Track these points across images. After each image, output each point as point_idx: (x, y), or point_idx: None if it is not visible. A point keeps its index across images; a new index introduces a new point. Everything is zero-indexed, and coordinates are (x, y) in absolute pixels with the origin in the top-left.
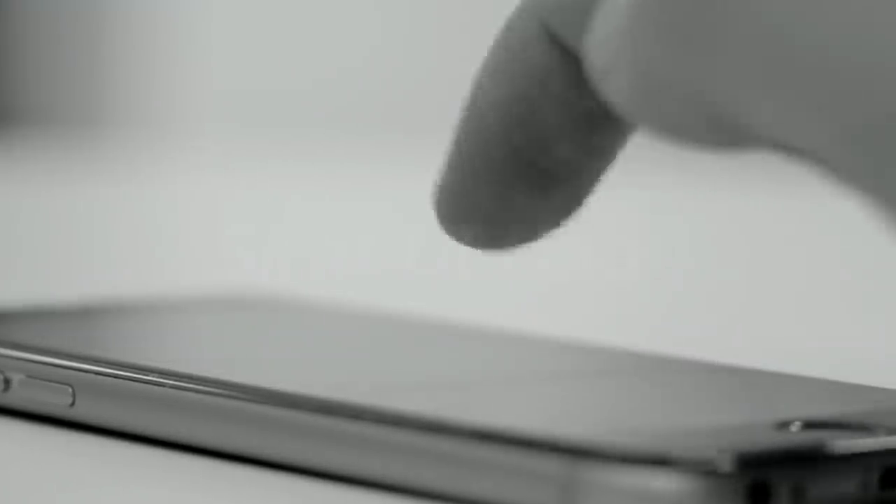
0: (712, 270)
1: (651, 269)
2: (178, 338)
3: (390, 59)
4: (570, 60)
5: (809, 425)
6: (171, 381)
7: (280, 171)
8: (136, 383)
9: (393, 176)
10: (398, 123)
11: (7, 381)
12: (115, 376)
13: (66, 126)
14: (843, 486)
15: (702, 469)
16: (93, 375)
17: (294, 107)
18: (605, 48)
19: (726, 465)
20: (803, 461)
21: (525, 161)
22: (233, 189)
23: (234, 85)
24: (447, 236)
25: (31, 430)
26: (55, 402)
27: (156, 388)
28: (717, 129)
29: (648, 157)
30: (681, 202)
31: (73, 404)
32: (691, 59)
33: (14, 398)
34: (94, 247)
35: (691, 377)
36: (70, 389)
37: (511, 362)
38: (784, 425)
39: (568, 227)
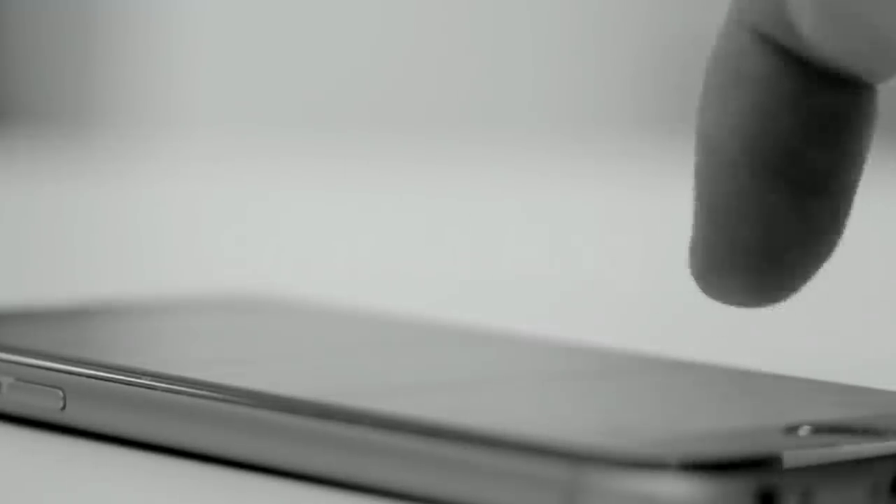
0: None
1: (656, 269)
2: (171, 340)
3: (389, 58)
4: (793, 60)
5: (818, 429)
6: (164, 385)
7: (278, 170)
8: (128, 387)
9: (392, 175)
10: (397, 123)
11: None
12: (107, 379)
13: (57, 125)
14: (852, 491)
15: (708, 474)
16: (84, 379)
17: (290, 106)
18: None
19: (733, 470)
20: (812, 466)
21: (779, 177)
22: (229, 188)
23: (228, 83)
24: (713, 299)
25: (21, 434)
26: (45, 406)
27: (149, 391)
28: (880, 52)
29: (651, 157)
30: (689, 202)
31: (63, 408)
32: None
33: (3, 402)
34: (86, 247)
35: (697, 380)
36: (61, 393)
37: (512, 364)
38: (792, 429)
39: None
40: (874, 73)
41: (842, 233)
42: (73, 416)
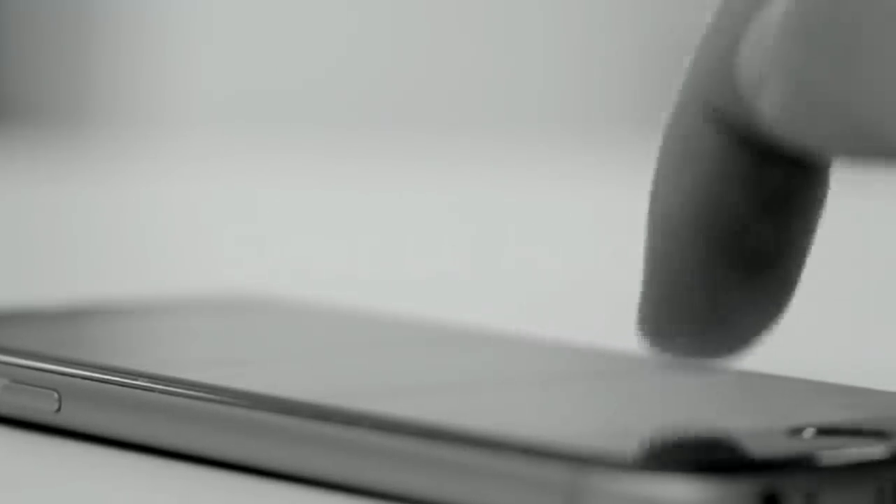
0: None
1: None
2: (167, 341)
3: (389, 58)
4: (744, 139)
5: (823, 432)
6: (160, 387)
7: (276, 170)
8: (124, 388)
9: (391, 175)
10: (396, 122)
11: None
12: (103, 381)
13: (53, 124)
14: (857, 494)
15: (711, 477)
16: (79, 380)
17: (288, 105)
18: (757, 60)
19: (737, 472)
20: (817, 469)
21: (729, 249)
22: (227, 188)
23: (226, 83)
24: (653, 351)
25: (16, 436)
26: (40, 407)
27: (145, 393)
28: (862, 141)
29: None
30: None
31: (59, 410)
32: (836, 70)
33: None
34: (82, 247)
35: (700, 382)
36: (56, 395)
37: (513, 366)
38: (796, 432)
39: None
40: (841, 159)
41: (789, 301)
42: (69, 418)
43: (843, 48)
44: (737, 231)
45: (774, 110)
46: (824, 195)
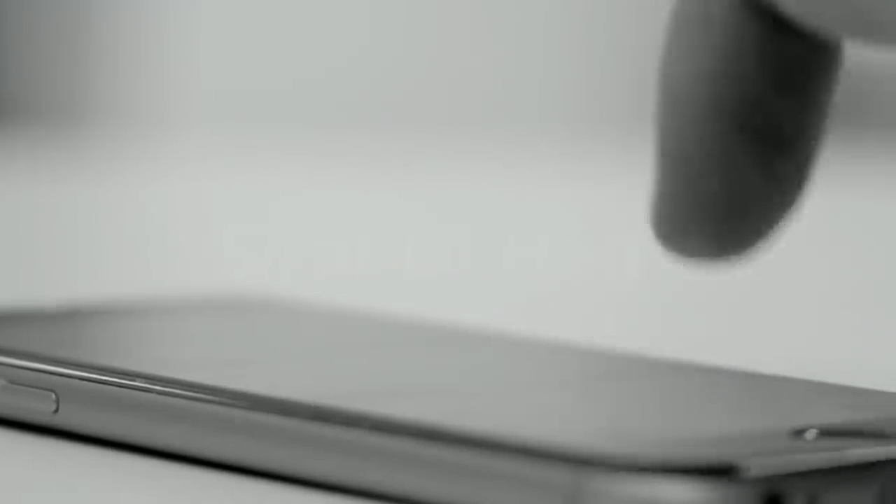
0: (724, 272)
1: (661, 271)
2: (166, 342)
3: (388, 58)
4: (759, 8)
5: (825, 433)
6: (159, 388)
7: (274, 169)
8: (122, 389)
9: (391, 175)
10: (396, 122)
11: None
12: (101, 382)
13: (52, 124)
14: (860, 495)
15: (714, 478)
16: (77, 381)
17: (288, 105)
18: None
19: (739, 474)
20: (819, 470)
21: (744, 128)
22: (225, 187)
23: (225, 82)
24: (671, 255)
25: (13, 438)
26: (38, 408)
27: (143, 394)
28: (862, 25)
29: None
30: None
31: (56, 411)
32: None
33: None
34: (81, 247)
35: (702, 383)
36: (53, 396)
37: (514, 367)
38: (799, 433)
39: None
40: (847, 39)
41: (805, 190)
42: (66, 419)
43: None
44: (752, 106)
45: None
46: (838, 75)
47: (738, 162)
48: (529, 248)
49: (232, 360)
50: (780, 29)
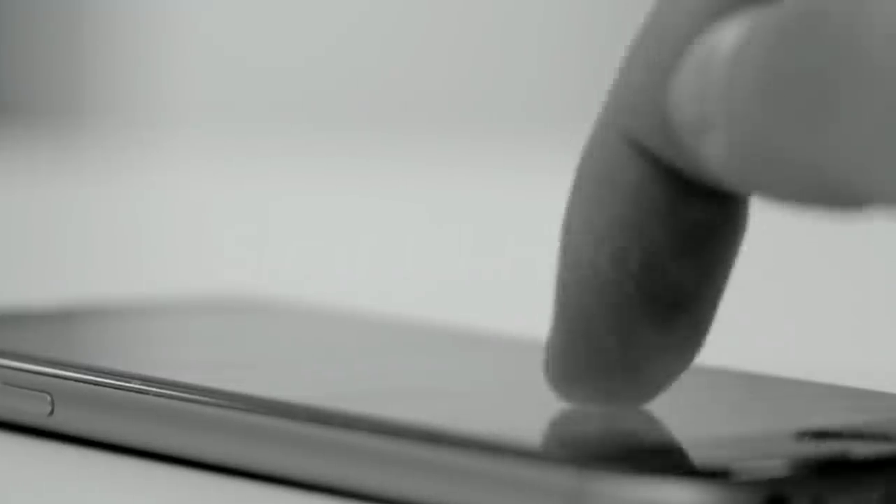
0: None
1: None
2: (162, 343)
3: (387, 58)
4: (665, 170)
5: (829, 435)
6: (154, 389)
7: (271, 171)
8: (117, 391)
9: (390, 176)
10: (395, 122)
11: None
12: (96, 384)
13: (51, 124)
14: (864, 497)
15: (717, 480)
16: (72, 383)
17: (287, 105)
18: (698, 98)
19: (743, 476)
20: (823, 472)
21: (642, 291)
22: (223, 188)
23: (224, 82)
24: (568, 402)
25: (8, 440)
26: (33, 410)
27: (138, 396)
28: (830, 192)
29: None
30: None
31: (51, 413)
32: (801, 125)
33: None
34: (77, 247)
35: (705, 384)
36: (48, 397)
37: (514, 368)
38: (802, 435)
39: None
40: (792, 205)
41: (702, 344)
42: (61, 421)
43: (810, 101)
44: (654, 268)
45: (720, 158)
46: (744, 230)
47: (635, 322)
48: (529, 248)
49: (228, 362)
50: (688, 191)
